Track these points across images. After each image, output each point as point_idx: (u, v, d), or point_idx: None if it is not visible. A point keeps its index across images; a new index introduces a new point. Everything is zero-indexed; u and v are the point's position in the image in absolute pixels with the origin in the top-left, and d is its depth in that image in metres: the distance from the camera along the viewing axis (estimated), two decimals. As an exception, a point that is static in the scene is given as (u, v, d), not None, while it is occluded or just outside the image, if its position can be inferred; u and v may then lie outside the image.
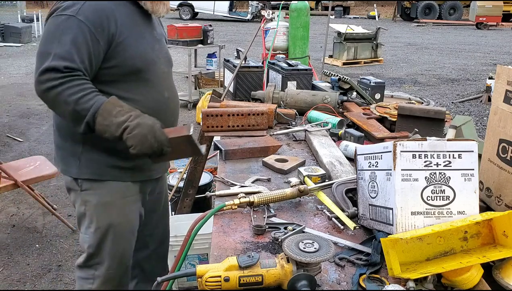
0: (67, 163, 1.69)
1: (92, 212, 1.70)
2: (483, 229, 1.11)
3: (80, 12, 1.45)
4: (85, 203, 1.70)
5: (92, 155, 1.64)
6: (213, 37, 8.02)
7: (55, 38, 1.43)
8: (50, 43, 1.43)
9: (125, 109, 1.48)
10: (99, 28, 1.47)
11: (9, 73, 9.26)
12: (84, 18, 1.45)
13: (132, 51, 1.57)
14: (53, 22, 1.47)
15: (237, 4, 25.34)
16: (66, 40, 1.42)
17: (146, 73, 1.63)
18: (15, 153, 5.04)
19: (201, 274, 1.04)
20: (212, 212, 1.38)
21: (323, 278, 1.11)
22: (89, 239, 1.72)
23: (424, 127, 2.04)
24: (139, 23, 1.63)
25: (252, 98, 2.72)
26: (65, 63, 1.41)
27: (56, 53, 1.41)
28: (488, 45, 15.56)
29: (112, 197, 1.69)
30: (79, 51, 1.43)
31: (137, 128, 1.45)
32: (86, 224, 1.72)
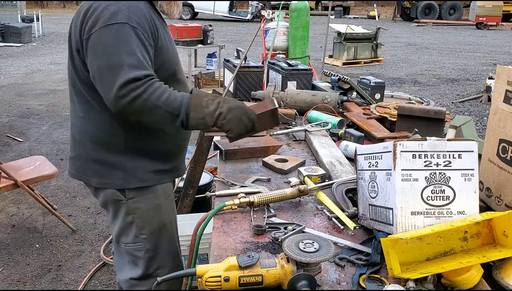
0: (107, 175, 1.61)
1: (142, 218, 1.66)
2: (483, 229, 1.11)
3: (131, 18, 1.40)
4: (133, 211, 1.65)
5: (136, 163, 1.60)
6: (213, 37, 8.03)
7: (120, 49, 1.37)
8: (116, 55, 1.37)
9: (210, 97, 1.49)
10: (148, 33, 1.45)
11: (9, 73, 9.26)
12: (137, 25, 1.41)
13: (168, 53, 1.56)
14: (108, 33, 1.39)
15: (237, 4, 25.33)
16: (133, 49, 1.38)
17: (178, 74, 1.64)
18: (15, 153, 5.04)
19: (201, 274, 1.05)
20: (213, 212, 1.39)
21: (323, 278, 1.11)
22: (144, 245, 1.69)
23: (424, 127, 2.04)
24: (163, 24, 1.62)
25: (252, 98, 2.72)
26: (142, 71, 1.38)
27: (129, 64, 1.36)
28: (488, 45, 15.56)
29: (159, 199, 1.68)
30: (145, 58, 1.41)
31: (230, 113, 1.47)
32: (135, 232, 1.67)
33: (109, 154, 1.59)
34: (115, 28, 1.38)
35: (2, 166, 3.08)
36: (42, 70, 9.62)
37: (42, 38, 14.47)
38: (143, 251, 1.69)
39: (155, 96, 1.38)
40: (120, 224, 1.68)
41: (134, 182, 1.61)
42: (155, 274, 1.71)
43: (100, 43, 1.39)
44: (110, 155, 1.59)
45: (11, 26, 13.14)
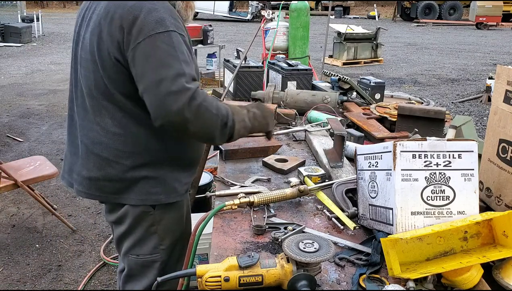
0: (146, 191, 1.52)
1: (166, 229, 1.60)
2: (483, 229, 1.11)
3: (176, 25, 1.36)
4: (159, 222, 1.57)
5: (175, 175, 1.55)
6: (213, 37, 8.03)
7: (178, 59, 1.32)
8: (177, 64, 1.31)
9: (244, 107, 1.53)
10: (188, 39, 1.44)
11: (9, 73, 9.26)
12: (182, 32, 1.38)
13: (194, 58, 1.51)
14: (161, 41, 1.31)
15: (237, 4, 25.34)
16: (186, 58, 1.35)
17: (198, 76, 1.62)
18: (15, 153, 5.04)
19: (201, 274, 1.05)
20: (213, 212, 1.39)
21: (323, 278, 1.11)
22: (161, 256, 1.61)
23: (424, 127, 2.04)
24: None
25: (252, 98, 2.72)
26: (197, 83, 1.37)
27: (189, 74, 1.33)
28: (488, 45, 15.56)
29: (184, 209, 1.67)
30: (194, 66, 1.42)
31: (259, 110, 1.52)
32: (155, 243, 1.60)
33: (150, 169, 1.50)
34: (165, 36, 1.32)
35: (2, 166, 3.08)
36: (42, 70, 9.62)
37: (42, 38, 14.47)
38: (158, 262, 1.61)
39: (213, 106, 1.37)
40: (139, 235, 1.59)
41: (174, 197, 1.55)
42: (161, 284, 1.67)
43: (152, 53, 1.31)
44: (152, 170, 1.50)
45: (11, 26, 13.15)
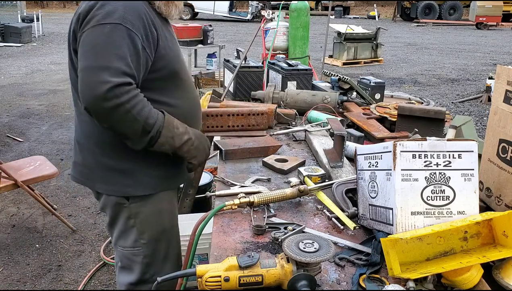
0: (114, 182, 1.57)
1: (144, 223, 1.63)
2: (483, 229, 1.11)
3: (125, 19, 1.36)
4: (136, 215, 1.61)
5: (145, 169, 1.57)
6: (213, 37, 8.02)
7: (109, 51, 1.33)
8: (105, 56, 1.32)
9: (178, 121, 1.52)
10: (144, 34, 1.41)
11: (9, 73, 9.26)
12: (131, 26, 1.37)
13: (171, 52, 1.53)
14: (99, 33, 1.34)
15: (237, 4, 25.33)
16: (122, 52, 1.34)
17: (182, 73, 1.61)
18: (15, 153, 5.04)
19: (201, 274, 1.05)
20: (213, 212, 1.39)
21: (323, 278, 1.11)
22: (143, 250, 1.65)
23: (424, 127, 2.04)
24: (164, 23, 1.58)
25: (252, 98, 2.72)
26: (128, 78, 1.35)
27: (117, 67, 1.32)
28: (488, 45, 15.56)
29: (162, 204, 1.66)
30: (133, 62, 1.37)
31: (197, 140, 1.55)
32: (135, 236, 1.64)
33: (119, 160, 1.55)
34: (107, 28, 1.34)
35: (2, 166, 3.08)
36: (42, 70, 9.62)
37: (42, 38, 14.47)
38: (141, 256, 1.66)
39: (137, 109, 1.36)
40: (121, 227, 1.65)
41: (141, 190, 1.58)
42: (152, 280, 1.68)
43: (90, 42, 1.35)
44: (120, 161, 1.55)
45: (11, 26, 13.15)
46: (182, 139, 1.50)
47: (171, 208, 1.72)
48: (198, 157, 1.56)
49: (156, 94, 1.52)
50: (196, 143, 1.54)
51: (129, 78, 1.35)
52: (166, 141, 1.45)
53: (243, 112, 2.20)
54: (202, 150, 1.57)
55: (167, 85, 1.56)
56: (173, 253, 1.74)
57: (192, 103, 1.67)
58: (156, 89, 1.52)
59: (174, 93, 1.58)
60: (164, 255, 1.70)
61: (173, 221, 1.74)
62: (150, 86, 1.49)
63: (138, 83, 1.41)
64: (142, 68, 1.42)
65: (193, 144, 1.53)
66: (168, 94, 1.56)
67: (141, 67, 1.41)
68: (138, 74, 1.40)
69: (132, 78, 1.37)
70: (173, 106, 1.56)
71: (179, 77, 1.60)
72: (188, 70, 1.77)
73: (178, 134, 1.48)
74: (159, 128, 1.42)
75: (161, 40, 1.48)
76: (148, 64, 1.45)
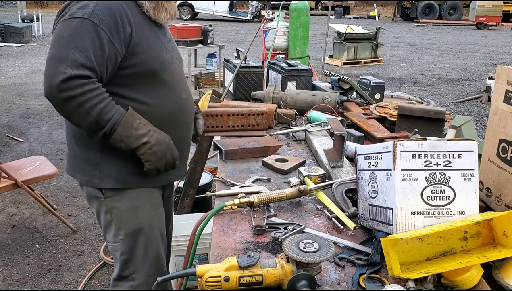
0: (87, 173, 1.61)
1: (119, 218, 1.64)
2: (483, 229, 1.11)
3: (94, 14, 1.39)
4: (111, 210, 1.63)
5: (111, 163, 1.58)
6: (213, 37, 8.03)
7: (71, 43, 1.36)
8: (66, 48, 1.36)
9: (143, 122, 1.49)
10: (114, 30, 1.42)
11: (9, 73, 9.27)
12: (99, 21, 1.39)
13: (149, 51, 1.53)
14: (66, 26, 1.40)
15: (237, 4, 25.34)
16: (84, 45, 1.37)
17: (163, 74, 1.59)
18: (15, 153, 5.04)
19: (201, 274, 1.05)
20: (213, 212, 1.39)
21: (323, 278, 1.11)
22: (121, 246, 1.67)
23: (424, 127, 2.04)
24: (150, 23, 1.58)
25: (252, 98, 2.72)
26: (86, 71, 1.36)
27: (74, 59, 1.35)
28: (488, 45, 15.56)
29: (139, 201, 1.65)
30: (97, 57, 1.39)
31: (157, 145, 1.50)
32: (114, 232, 1.66)
33: (87, 152, 1.59)
34: (75, 22, 1.38)
35: (2, 166, 3.08)
36: (42, 70, 9.50)
37: (42, 38, 14.47)
38: (119, 252, 1.68)
39: (91, 103, 1.38)
40: (103, 221, 1.68)
41: (109, 182, 1.59)
42: (131, 278, 1.69)
43: (58, 34, 1.40)
44: (88, 153, 1.59)
45: (11, 26, 13.15)
46: (139, 141, 1.47)
47: (150, 206, 1.69)
48: (154, 163, 1.51)
49: (125, 90, 1.52)
50: (154, 149, 1.50)
51: (88, 71, 1.37)
52: (121, 139, 1.45)
53: (243, 112, 2.20)
54: (161, 157, 1.52)
55: (141, 83, 1.54)
56: (153, 254, 1.71)
57: (173, 105, 1.63)
58: (126, 85, 1.52)
59: (150, 92, 1.56)
60: (143, 254, 1.69)
61: (152, 221, 1.70)
62: (119, 82, 1.50)
63: (101, 77, 1.42)
64: (107, 63, 1.43)
65: (151, 148, 1.49)
66: (141, 92, 1.55)
67: (105, 62, 1.42)
68: (101, 69, 1.41)
69: (92, 72, 1.38)
70: (146, 105, 1.55)
71: (159, 77, 1.57)
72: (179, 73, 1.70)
73: (135, 135, 1.46)
74: (114, 125, 1.42)
75: (135, 37, 1.48)
76: (117, 60, 1.46)
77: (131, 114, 1.47)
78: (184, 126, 1.71)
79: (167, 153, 1.53)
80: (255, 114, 2.21)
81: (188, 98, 1.73)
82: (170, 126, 1.61)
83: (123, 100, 1.50)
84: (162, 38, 1.63)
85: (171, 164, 1.57)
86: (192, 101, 1.79)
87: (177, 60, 1.70)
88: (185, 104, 1.70)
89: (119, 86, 1.51)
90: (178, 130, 1.67)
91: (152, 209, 1.70)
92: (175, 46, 1.75)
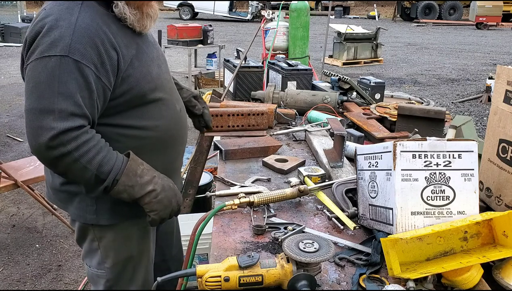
0: (79, 207, 1.44)
1: (108, 248, 1.51)
2: (483, 229, 1.11)
3: (73, 48, 1.18)
4: (100, 238, 1.49)
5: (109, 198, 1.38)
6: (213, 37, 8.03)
7: (53, 90, 1.17)
8: (49, 97, 1.17)
9: (146, 167, 1.35)
10: (98, 63, 1.23)
11: (9, 73, 9.26)
12: (80, 57, 1.19)
13: (136, 74, 1.34)
14: (43, 68, 1.18)
15: (237, 4, 25.34)
16: (69, 90, 1.18)
17: (156, 92, 1.42)
18: (15, 153, 5.04)
19: (201, 274, 1.05)
20: (213, 212, 1.39)
21: (323, 278, 1.11)
22: (106, 274, 1.54)
23: (424, 127, 2.04)
24: (132, 35, 1.38)
25: (252, 98, 2.72)
26: (77, 121, 1.20)
27: (62, 109, 1.18)
28: (488, 45, 15.56)
29: (130, 230, 1.52)
30: (84, 99, 1.21)
31: (163, 192, 1.35)
32: (99, 259, 1.52)
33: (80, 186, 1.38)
34: (52, 61, 1.18)
35: (2, 166, 3.08)
36: (42, 70, 9.60)
37: (42, 38, 14.45)
38: (104, 280, 1.55)
39: (87, 158, 1.22)
40: (86, 247, 1.54)
41: (105, 219, 1.44)
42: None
43: (33, 78, 1.19)
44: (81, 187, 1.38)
45: (11, 26, 13.14)
46: (144, 189, 1.31)
47: (141, 233, 1.56)
48: (159, 212, 1.35)
49: (118, 118, 1.36)
50: (160, 197, 1.34)
51: (79, 119, 1.21)
52: (125, 190, 1.29)
53: (243, 112, 2.20)
54: (167, 205, 1.36)
55: (134, 108, 1.38)
56: (140, 278, 1.60)
57: (171, 122, 1.49)
58: (118, 114, 1.36)
59: (145, 114, 1.40)
60: (130, 279, 1.58)
61: (143, 247, 1.58)
62: (111, 113, 1.34)
63: (93, 121, 1.27)
64: (98, 103, 1.27)
65: (157, 197, 1.33)
66: (136, 117, 1.38)
67: (95, 102, 1.26)
68: (92, 111, 1.25)
69: (83, 119, 1.22)
70: (143, 129, 1.40)
71: (153, 96, 1.41)
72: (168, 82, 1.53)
73: (140, 184, 1.30)
74: (115, 176, 1.27)
75: (123, 62, 1.30)
76: (107, 95, 1.29)
77: (134, 160, 1.32)
78: (183, 140, 1.59)
79: (172, 199, 1.38)
80: (255, 114, 2.21)
81: (182, 108, 1.60)
82: (170, 144, 1.50)
83: (117, 129, 1.36)
84: (148, 49, 1.44)
85: (176, 212, 1.42)
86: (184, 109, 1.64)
87: (163, 66, 1.53)
88: (181, 116, 1.56)
89: (110, 116, 1.34)
90: (178, 146, 1.56)
91: (143, 235, 1.58)
92: (157, 48, 1.55)
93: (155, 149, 1.45)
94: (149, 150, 1.43)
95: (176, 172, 1.63)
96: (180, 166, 1.70)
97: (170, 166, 1.56)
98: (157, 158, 1.46)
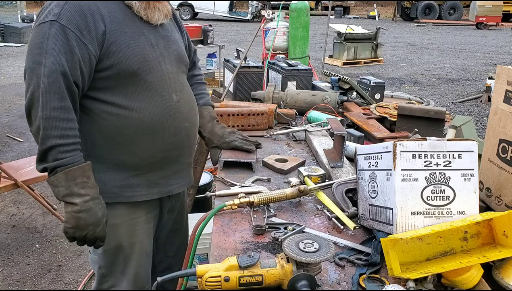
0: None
1: None
2: (483, 229, 1.11)
3: (61, 15, 1.32)
4: None
5: (97, 174, 1.42)
6: (213, 37, 8.04)
7: (42, 50, 1.31)
8: (38, 57, 1.31)
9: (89, 184, 1.36)
10: (84, 30, 1.33)
11: (9, 73, 9.26)
12: (66, 22, 1.32)
13: (126, 49, 1.40)
14: (37, 32, 1.35)
15: (237, 4, 25.34)
16: (54, 51, 1.31)
17: (147, 75, 1.44)
18: (15, 153, 5.04)
19: (201, 274, 1.05)
20: (213, 212, 1.39)
21: (323, 278, 1.11)
22: (100, 260, 1.59)
23: (424, 127, 2.04)
24: (135, 19, 1.46)
25: (252, 98, 2.72)
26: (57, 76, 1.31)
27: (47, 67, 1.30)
28: (488, 45, 15.56)
29: (120, 218, 1.53)
30: (68, 62, 1.32)
31: (84, 213, 1.34)
32: None
33: None
34: (44, 27, 1.33)
35: (2, 166, 3.08)
36: (42, 70, 9.60)
37: (42, 38, 14.45)
38: (97, 265, 1.61)
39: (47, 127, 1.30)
40: None
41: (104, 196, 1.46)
42: None
43: (30, 42, 1.36)
44: None
45: (11, 26, 13.14)
46: (69, 197, 1.33)
47: (131, 224, 1.57)
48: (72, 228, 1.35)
49: (105, 94, 1.42)
50: (79, 215, 1.33)
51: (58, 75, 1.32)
52: (56, 185, 1.33)
53: (243, 112, 2.20)
54: (81, 227, 1.35)
55: (122, 85, 1.42)
56: (132, 272, 1.61)
57: (159, 109, 1.48)
58: (105, 89, 1.42)
59: (132, 95, 1.44)
60: (122, 270, 1.60)
61: (132, 239, 1.58)
62: (98, 86, 1.41)
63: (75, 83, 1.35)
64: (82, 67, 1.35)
65: (76, 212, 1.33)
66: (122, 95, 1.43)
67: (78, 65, 1.34)
68: (74, 73, 1.34)
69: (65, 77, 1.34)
70: (128, 109, 1.43)
71: (142, 78, 1.44)
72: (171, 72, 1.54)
73: (70, 190, 1.33)
74: (56, 168, 1.32)
75: (110, 35, 1.38)
76: (92, 63, 1.37)
77: (84, 170, 1.35)
78: (177, 131, 1.54)
79: (90, 226, 1.36)
80: (255, 114, 2.21)
81: (184, 99, 1.57)
82: (157, 132, 1.48)
83: (103, 105, 1.41)
84: (150, 35, 1.48)
85: (91, 241, 1.39)
86: (190, 102, 1.63)
87: (171, 58, 1.54)
88: (177, 107, 1.52)
89: (98, 90, 1.41)
90: (169, 136, 1.52)
91: (134, 227, 1.58)
92: (173, 43, 1.58)
93: (139, 133, 1.46)
94: (133, 132, 1.45)
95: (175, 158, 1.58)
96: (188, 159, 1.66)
97: (168, 154, 1.54)
98: (146, 144, 1.48)
